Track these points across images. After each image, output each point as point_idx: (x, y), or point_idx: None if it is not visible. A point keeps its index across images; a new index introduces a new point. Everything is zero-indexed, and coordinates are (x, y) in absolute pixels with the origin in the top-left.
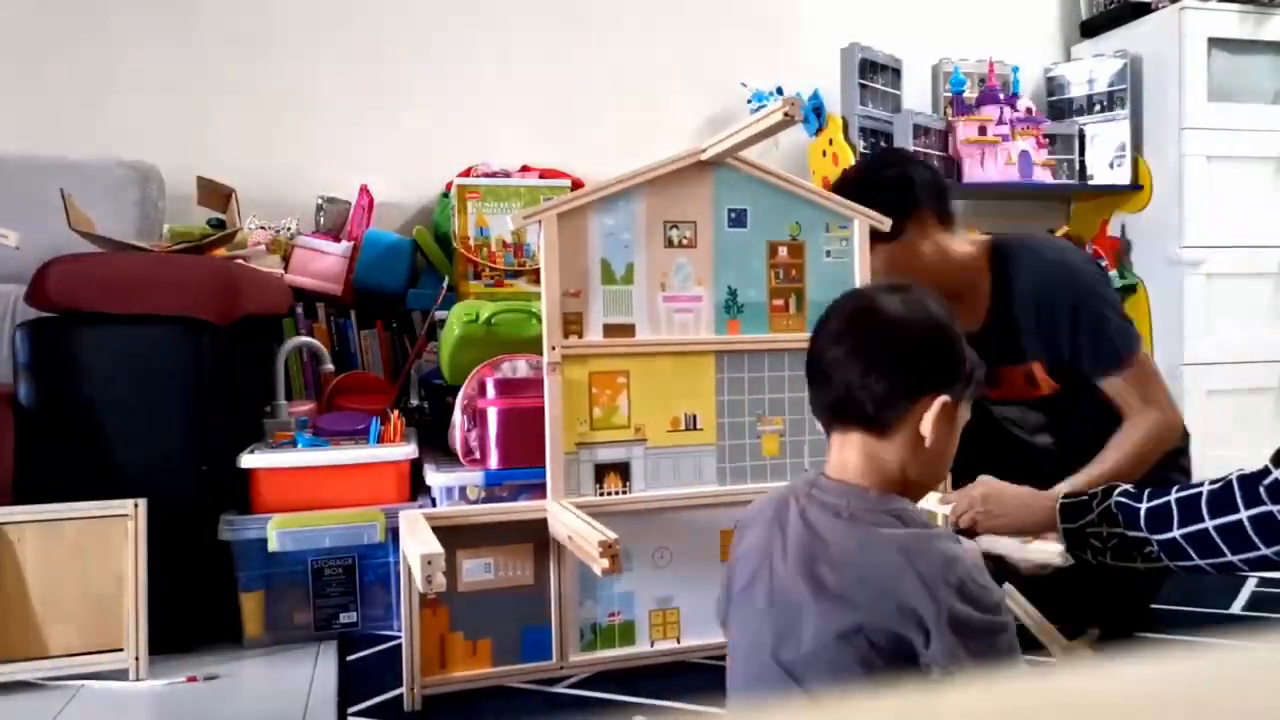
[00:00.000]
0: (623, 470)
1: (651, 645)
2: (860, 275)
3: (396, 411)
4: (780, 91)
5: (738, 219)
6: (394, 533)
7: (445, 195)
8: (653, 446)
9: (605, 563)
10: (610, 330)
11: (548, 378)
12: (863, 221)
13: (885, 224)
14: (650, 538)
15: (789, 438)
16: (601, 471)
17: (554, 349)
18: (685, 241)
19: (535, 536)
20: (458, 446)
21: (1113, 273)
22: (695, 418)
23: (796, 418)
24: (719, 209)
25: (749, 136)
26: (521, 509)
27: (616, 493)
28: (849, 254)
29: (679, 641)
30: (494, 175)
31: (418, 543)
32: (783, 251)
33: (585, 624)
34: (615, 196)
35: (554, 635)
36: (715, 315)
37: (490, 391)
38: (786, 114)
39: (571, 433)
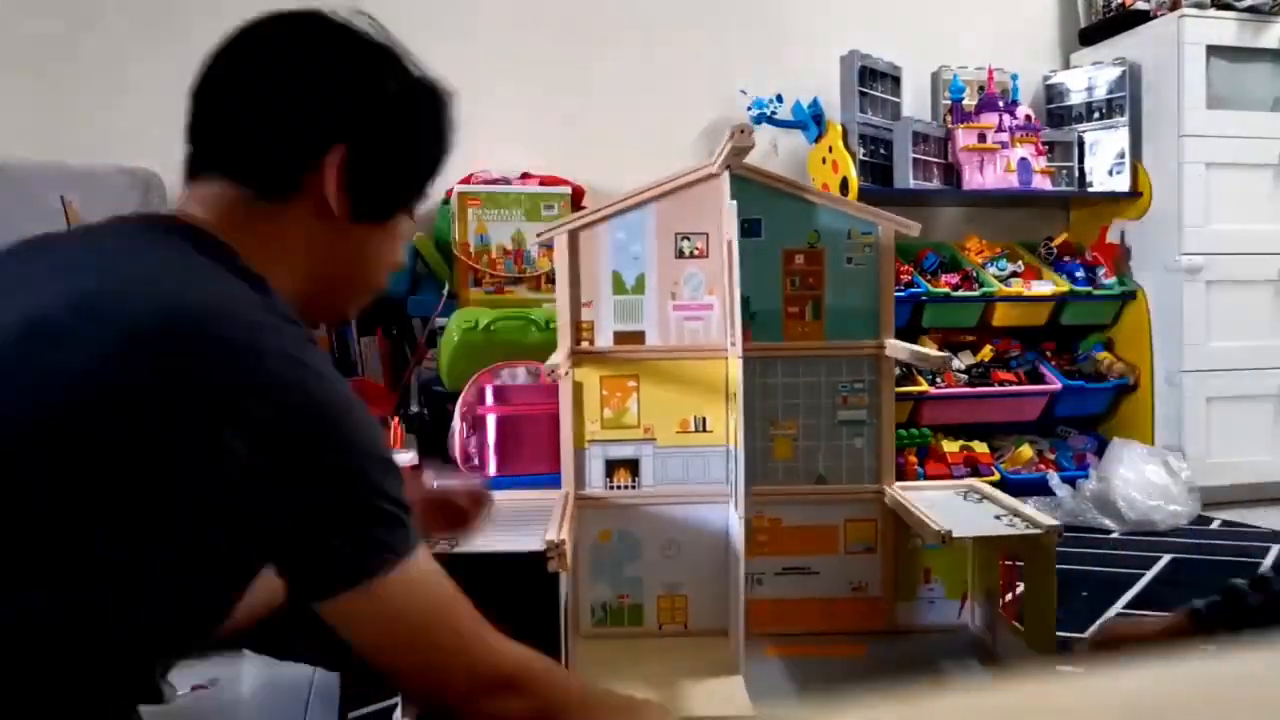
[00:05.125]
0: (632, 466)
1: (660, 628)
2: (885, 282)
3: (396, 418)
4: (780, 99)
5: (752, 228)
6: None
7: (445, 202)
8: (662, 445)
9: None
10: (620, 337)
11: (561, 381)
12: (887, 226)
13: (914, 229)
14: (659, 530)
15: (802, 442)
16: (612, 466)
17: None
18: (697, 252)
19: None
20: (457, 453)
21: (1112, 279)
22: (705, 420)
23: (810, 423)
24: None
25: (719, 161)
26: (537, 496)
27: (625, 487)
28: (872, 260)
29: (686, 626)
30: (494, 182)
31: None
32: (800, 259)
33: (596, 603)
34: (626, 210)
35: (567, 611)
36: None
37: (489, 398)
38: (736, 145)
39: (583, 431)
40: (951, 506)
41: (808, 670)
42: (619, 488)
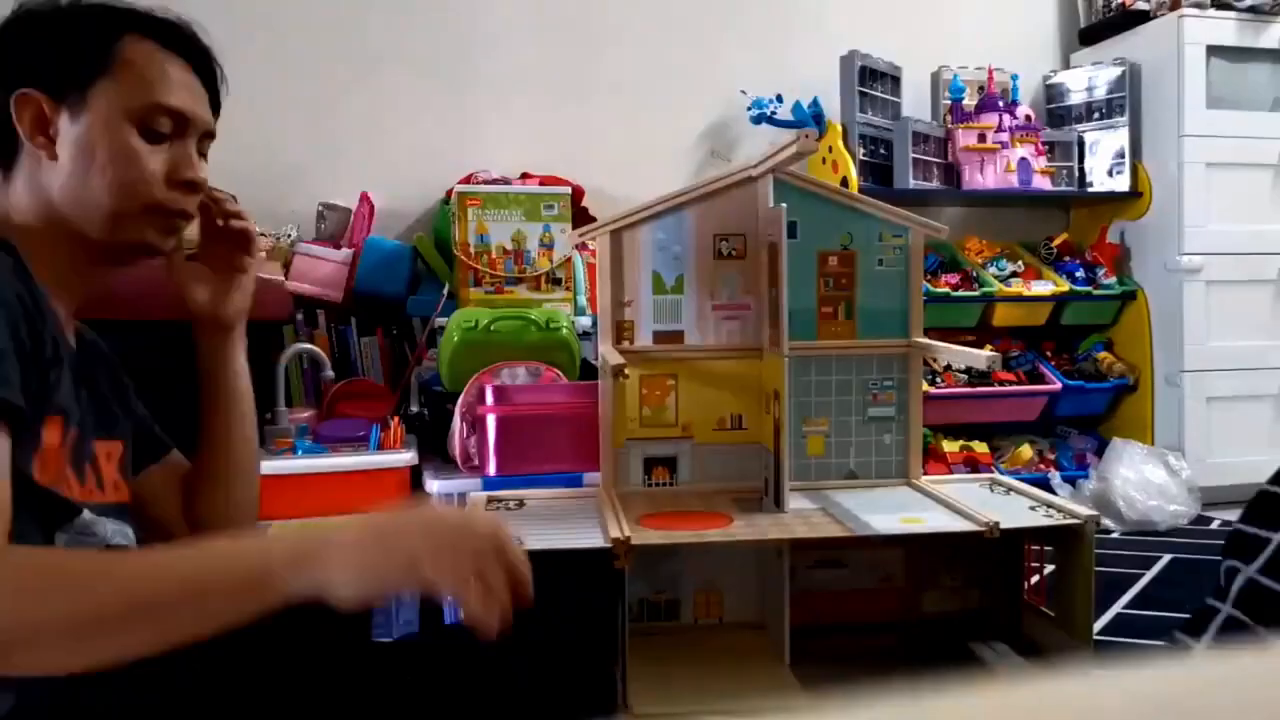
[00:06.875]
0: (670, 464)
1: (695, 622)
2: (914, 283)
3: (396, 418)
4: (780, 99)
5: (788, 230)
6: None
7: (445, 202)
8: (699, 443)
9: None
10: (660, 337)
11: (602, 380)
12: (916, 229)
13: (943, 231)
14: None
15: (834, 438)
16: (650, 464)
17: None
18: (735, 253)
19: None
20: (457, 453)
21: (1112, 279)
22: (741, 418)
23: (842, 419)
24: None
25: (772, 165)
26: (573, 494)
27: (663, 484)
28: (902, 262)
29: (721, 620)
30: (494, 182)
31: None
32: (833, 261)
33: (634, 599)
34: (666, 212)
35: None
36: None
37: (489, 398)
38: (800, 150)
39: (621, 429)
40: (984, 499)
41: (839, 661)
42: (657, 485)
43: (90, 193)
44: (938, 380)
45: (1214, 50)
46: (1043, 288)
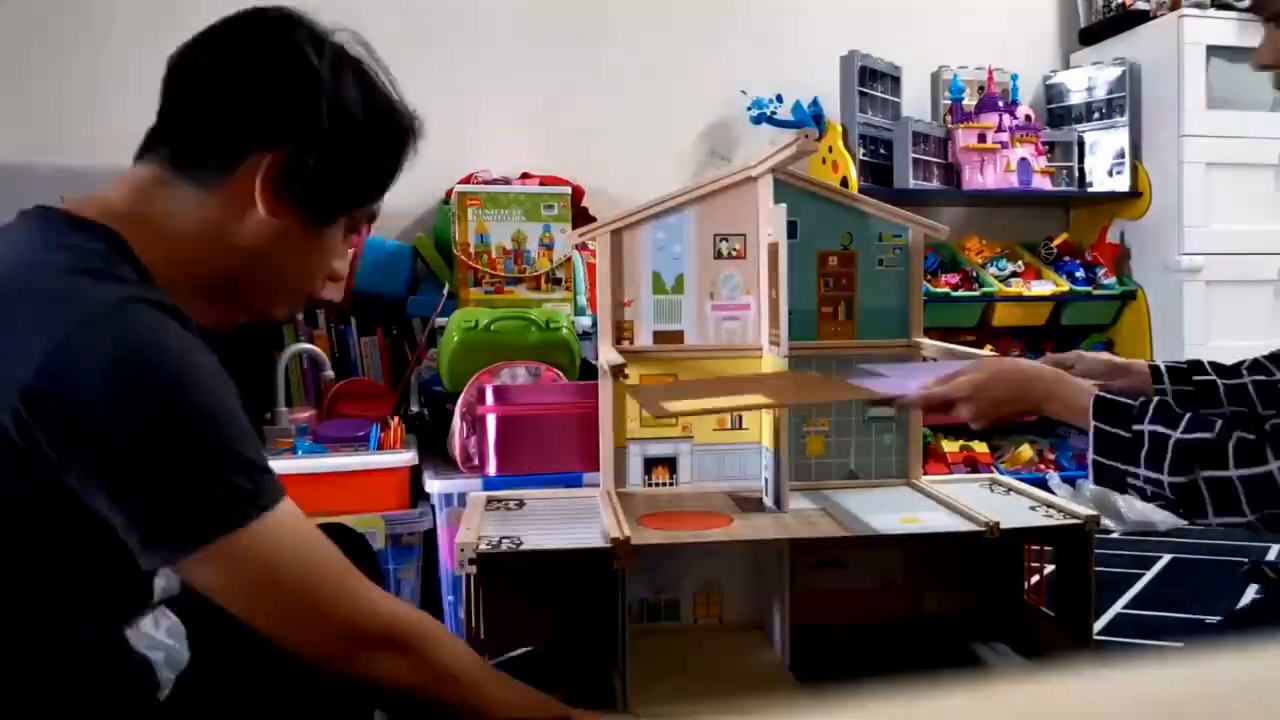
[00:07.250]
0: (670, 464)
1: (695, 622)
2: (914, 283)
3: (396, 418)
4: (780, 99)
5: (788, 230)
6: (394, 539)
7: (445, 202)
8: (699, 443)
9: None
10: (660, 337)
11: (601, 380)
12: (916, 229)
13: (943, 231)
14: None
15: (834, 438)
16: (650, 464)
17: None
18: (735, 253)
19: None
20: (457, 453)
21: (1112, 279)
22: (740, 418)
23: (842, 420)
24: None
25: (772, 165)
26: (576, 494)
27: (663, 484)
28: (902, 262)
29: (720, 621)
30: (494, 182)
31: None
32: (833, 261)
33: (634, 600)
34: (666, 212)
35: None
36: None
37: (489, 398)
38: (800, 150)
39: (621, 429)
40: (984, 499)
41: (839, 661)
42: (657, 485)
43: (278, 269)
44: None
45: (1214, 50)
46: (1043, 288)
